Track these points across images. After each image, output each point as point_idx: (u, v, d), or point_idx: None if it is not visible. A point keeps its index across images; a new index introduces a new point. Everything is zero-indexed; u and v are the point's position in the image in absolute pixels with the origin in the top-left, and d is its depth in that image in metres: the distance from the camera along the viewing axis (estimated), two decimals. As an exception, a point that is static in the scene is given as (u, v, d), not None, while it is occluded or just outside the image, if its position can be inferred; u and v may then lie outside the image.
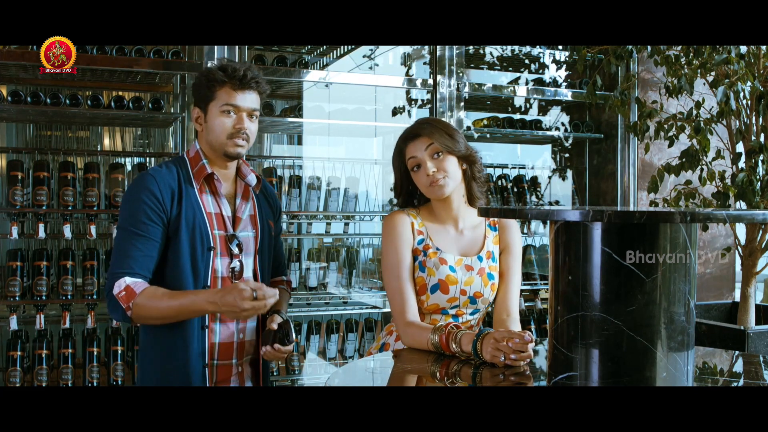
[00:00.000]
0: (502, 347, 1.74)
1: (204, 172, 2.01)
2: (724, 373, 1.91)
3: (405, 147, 2.08)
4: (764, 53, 3.08)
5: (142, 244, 1.91)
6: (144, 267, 1.91)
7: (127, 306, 1.87)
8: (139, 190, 1.94)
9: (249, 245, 2.07)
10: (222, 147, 2.00)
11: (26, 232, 3.25)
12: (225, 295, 1.81)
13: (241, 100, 1.98)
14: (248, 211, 2.09)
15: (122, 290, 1.87)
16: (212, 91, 1.98)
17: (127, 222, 1.93)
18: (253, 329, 2.08)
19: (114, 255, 1.94)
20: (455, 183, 2.07)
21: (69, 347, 3.20)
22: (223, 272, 2.01)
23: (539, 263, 4.17)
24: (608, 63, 3.42)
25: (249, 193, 2.11)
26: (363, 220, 3.97)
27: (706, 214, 1.47)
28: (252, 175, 2.11)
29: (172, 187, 1.96)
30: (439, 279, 2.04)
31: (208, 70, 2.05)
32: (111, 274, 1.91)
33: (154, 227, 1.92)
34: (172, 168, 2.01)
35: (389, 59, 4.46)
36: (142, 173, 1.99)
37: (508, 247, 2.16)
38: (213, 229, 1.99)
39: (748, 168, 3.01)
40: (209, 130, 2.01)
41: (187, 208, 1.96)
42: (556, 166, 4.44)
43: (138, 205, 1.92)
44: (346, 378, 1.89)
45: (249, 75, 1.98)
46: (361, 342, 3.82)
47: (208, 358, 1.99)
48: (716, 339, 3.07)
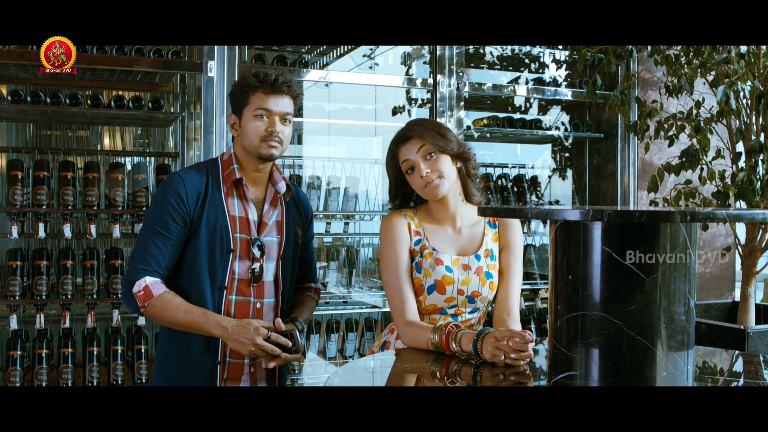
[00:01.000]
0: (502, 346, 1.74)
1: (233, 176, 2.07)
2: (724, 373, 1.91)
3: (397, 150, 2.09)
4: (764, 53, 3.08)
5: (163, 243, 2.00)
6: (162, 265, 2.01)
7: (143, 305, 1.98)
8: (167, 191, 2.03)
9: (272, 250, 2.12)
10: (256, 149, 2.05)
11: (26, 232, 3.25)
12: (238, 328, 1.94)
13: (273, 104, 2.05)
14: (275, 216, 2.14)
15: (141, 289, 1.97)
16: (246, 96, 2.06)
17: (152, 219, 2.03)
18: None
19: (136, 248, 2.05)
20: (450, 182, 2.06)
21: (69, 347, 3.20)
22: (242, 275, 2.06)
23: (539, 263, 4.17)
24: (608, 62, 3.42)
25: (278, 200, 2.16)
26: (363, 219, 3.97)
27: (706, 213, 1.47)
28: (282, 183, 2.16)
29: (198, 189, 2.04)
30: (435, 279, 2.04)
31: (242, 77, 2.13)
32: (131, 267, 2.01)
33: (176, 227, 2.01)
34: (203, 170, 2.09)
35: (389, 59, 4.46)
36: (173, 174, 2.10)
37: (508, 245, 2.14)
38: (235, 233, 2.05)
39: (748, 167, 3.01)
40: (244, 134, 2.07)
41: (209, 211, 2.03)
42: (556, 166, 4.44)
43: (164, 205, 2.01)
44: (346, 377, 1.89)
45: (280, 80, 2.06)
46: (361, 341, 3.82)
47: (221, 356, 2.03)
48: (716, 338, 3.07)
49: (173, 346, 2.06)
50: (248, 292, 2.08)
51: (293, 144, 4.75)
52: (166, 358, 2.10)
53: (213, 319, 1.96)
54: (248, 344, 1.93)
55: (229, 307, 2.05)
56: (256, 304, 2.09)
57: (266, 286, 2.11)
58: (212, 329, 1.96)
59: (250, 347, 1.93)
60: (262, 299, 2.10)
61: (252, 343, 1.92)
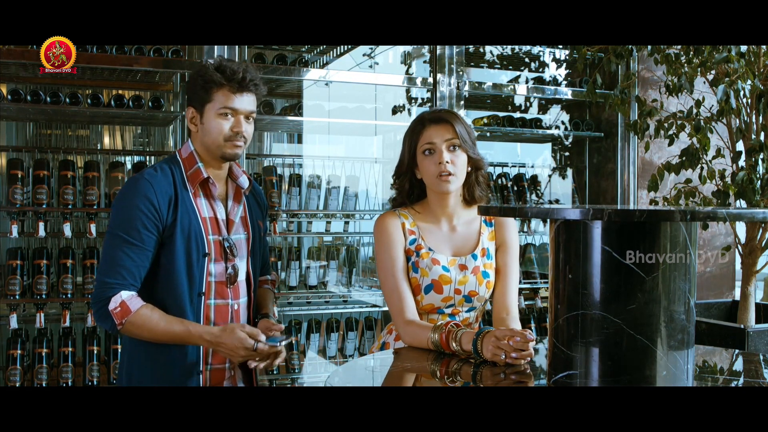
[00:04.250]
0: (503, 345, 1.74)
1: (200, 176, 1.97)
2: (724, 372, 1.91)
3: (424, 129, 2.05)
4: (764, 52, 3.07)
5: (136, 253, 1.87)
6: (137, 277, 1.88)
7: (120, 322, 1.86)
8: (135, 197, 1.88)
9: (242, 248, 2.05)
10: (219, 149, 1.96)
11: (26, 231, 3.25)
12: (223, 337, 1.86)
13: (239, 102, 1.94)
14: (240, 213, 2.07)
15: (117, 305, 1.84)
16: (209, 92, 1.94)
17: (120, 228, 1.88)
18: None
19: (104, 261, 1.90)
20: (461, 182, 2.07)
21: (69, 346, 3.20)
22: (218, 277, 1.98)
23: (539, 262, 4.17)
24: (608, 62, 3.42)
25: (240, 195, 2.08)
26: (363, 218, 3.97)
27: (707, 212, 1.47)
28: (244, 177, 2.08)
29: (168, 193, 1.91)
30: (432, 279, 2.04)
31: (204, 69, 1.97)
32: (102, 282, 1.87)
33: (148, 236, 1.88)
34: (167, 171, 1.96)
35: (389, 58, 4.46)
36: (137, 177, 1.93)
37: (504, 244, 2.13)
38: (208, 235, 1.96)
39: (748, 166, 3.01)
40: (205, 132, 1.96)
41: (182, 215, 1.92)
42: (556, 165, 4.44)
43: (133, 212, 1.87)
44: (346, 377, 1.89)
45: (248, 77, 1.94)
46: (361, 341, 3.82)
47: (203, 363, 1.97)
48: (716, 337, 3.07)
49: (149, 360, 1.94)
50: (226, 294, 2.00)
51: (293, 143, 4.76)
52: (139, 371, 1.96)
53: (196, 332, 1.87)
54: (236, 356, 1.87)
55: (209, 312, 1.96)
56: (234, 305, 2.02)
57: (240, 286, 2.04)
58: (197, 341, 1.88)
59: (241, 352, 1.86)
60: (239, 300, 2.03)
61: (243, 347, 1.85)
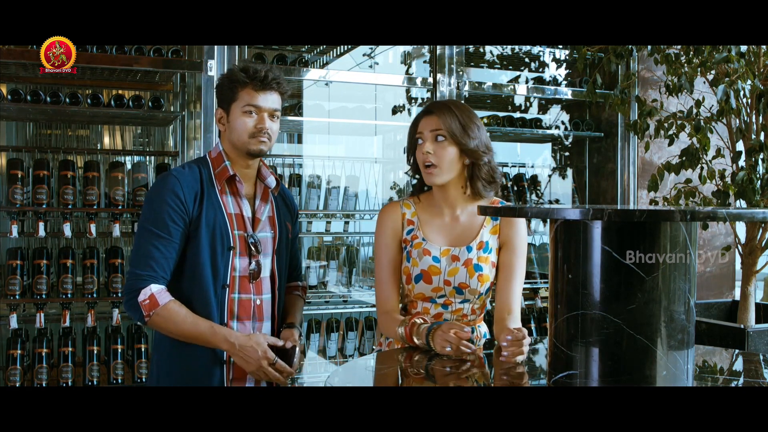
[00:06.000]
0: (448, 338, 1.83)
1: (226, 173, 2.06)
2: (724, 372, 1.91)
3: (419, 120, 2.10)
4: (764, 52, 3.08)
5: (164, 246, 1.97)
6: (166, 269, 1.98)
7: (148, 314, 1.95)
8: (163, 192, 1.99)
9: (267, 246, 2.12)
10: (245, 146, 2.05)
11: (26, 231, 3.25)
12: (245, 346, 1.95)
13: (263, 100, 2.04)
14: (267, 212, 2.15)
15: (147, 298, 1.94)
16: (234, 92, 2.04)
17: (149, 222, 1.98)
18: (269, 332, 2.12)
19: (135, 254, 2.00)
20: (449, 175, 2.04)
21: (69, 346, 3.20)
22: (242, 272, 2.06)
23: (539, 262, 4.17)
24: (608, 61, 3.42)
25: (268, 195, 2.16)
26: (363, 218, 3.97)
27: (707, 212, 1.48)
28: (271, 178, 2.16)
29: (195, 188, 2.02)
30: (422, 269, 2.06)
31: (230, 71, 2.11)
32: (133, 274, 1.97)
33: (175, 228, 1.98)
34: (195, 169, 2.06)
35: (389, 58, 4.46)
36: (166, 174, 2.05)
37: (509, 243, 2.10)
38: (233, 230, 2.05)
39: (748, 166, 3.01)
40: (232, 129, 2.06)
41: (208, 209, 2.01)
42: (556, 165, 4.44)
43: (161, 207, 1.97)
44: (346, 377, 1.89)
45: (270, 76, 2.04)
46: (361, 340, 3.82)
47: (226, 356, 2.03)
48: (716, 337, 3.07)
49: (176, 347, 2.03)
50: (249, 289, 2.08)
51: (293, 143, 4.76)
52: (168, 358, 2.06)
53: (220, 334, 1.96)
54: (253, 365, 1.96)
55: (232, 306, 2.05)
56: (256, 300, 2.09)
57: (263, 282, 2.11)
58: (219, 344, 1.96)
59: (254, 368, 1.96)
60: (261, 296, 2.10)
61: (257, 366, 1.95)
